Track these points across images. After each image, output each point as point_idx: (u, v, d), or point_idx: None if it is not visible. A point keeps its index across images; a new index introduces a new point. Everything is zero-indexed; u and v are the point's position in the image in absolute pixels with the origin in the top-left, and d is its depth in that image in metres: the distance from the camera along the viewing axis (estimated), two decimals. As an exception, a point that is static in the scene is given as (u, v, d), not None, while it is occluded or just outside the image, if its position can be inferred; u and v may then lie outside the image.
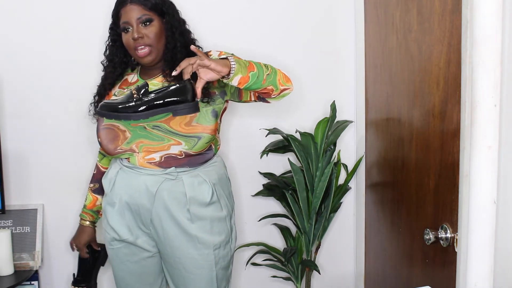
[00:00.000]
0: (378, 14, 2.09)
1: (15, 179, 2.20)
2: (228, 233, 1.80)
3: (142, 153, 1.71)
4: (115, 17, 1.74)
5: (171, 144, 1.69)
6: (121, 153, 1.74)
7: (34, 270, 2.12)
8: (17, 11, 2.12)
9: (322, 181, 2.14)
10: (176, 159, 1.71)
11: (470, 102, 1.39)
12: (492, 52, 1.35)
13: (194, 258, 1.74)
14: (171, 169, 1.71)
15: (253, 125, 2.31)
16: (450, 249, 1.57)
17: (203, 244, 1.74)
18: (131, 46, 1.69)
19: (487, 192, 1.40)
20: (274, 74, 1.65)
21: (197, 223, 1.73)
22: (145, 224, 1.76)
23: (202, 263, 1.75)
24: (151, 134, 1.69)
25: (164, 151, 1.70)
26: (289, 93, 1.71)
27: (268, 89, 1.64)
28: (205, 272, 1.76)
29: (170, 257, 1.77)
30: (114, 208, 1.77)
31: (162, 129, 1.68)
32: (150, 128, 1.69)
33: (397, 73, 1.93)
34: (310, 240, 2.20)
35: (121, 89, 1.78)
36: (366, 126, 2.27)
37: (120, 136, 1.72)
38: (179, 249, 1.74)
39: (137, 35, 1.66)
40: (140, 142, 1.70)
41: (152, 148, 1.70)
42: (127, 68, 1.83)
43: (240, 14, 2.28)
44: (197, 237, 1.73)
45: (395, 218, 2.01)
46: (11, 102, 2.16)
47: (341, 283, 2.50)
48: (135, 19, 1.67)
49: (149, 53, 1.68)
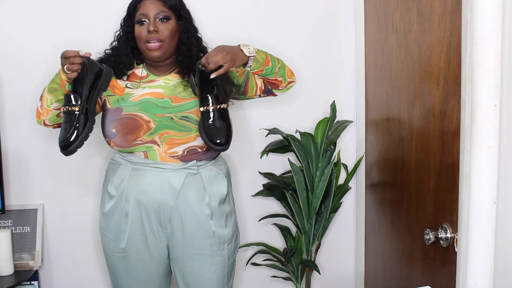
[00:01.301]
0: (378, 14, 2.09)
1: (15, 179, 2.20)
2: (236, 227, 1.85)
3: (164, 146, 1.71)
4: (131, 9, 1.75)
5: (198, 135, 1.71)
6: (139, 145, 1.72)
7: (34, 270, 2.12)
8: (17, 11, 2.12)
9: (322, 181, 2.14)
10: (197, 152, 1.73)
11: (470, 102, 1.39)
12: (492, 52, 1.35)
13: (211, 254, 1.77)
14: (192, 162, 1.73)
15: (253, 125, 2.31)
16: (450, 249, 1.57)
17: (220, 239, 1.77)
18: (143, 38, 1.71)
19: (487, 192, 1.40)
20: (284, 68, 1.80)
21: (215, 218, 1.76)
22: (163, 224, 1.75)
23: (218, 258, 1.78)
24: (178, 124, 1.70)
25: (189, 143, 1.71)
26: (293, 86, 1.86)
27: (278, 80, 1.79)
28: (219, 269, 1.79)
29: (186, 255, 1.77)
30: (127, 212, 1.74)
31: (191, 119, 1.70)
32: (177, 119, 1.70)
33: (397, 73, 1.93)
34: (310, 240, 2.20)
35: (132, 81, 1.77)
36: (366, 126, 2.27)
37: (143, 127, 1.71)
38: (197, 246, 1.75)
39: (153, 28, 1.69)
40: (165, 133, 1.70)
41: (177, 140, 1.71)
42: (132, 62, 1.82)
43: (240, 14, 2.28)
44: (215, 233, 1.76)
45: (395, 218, 2.01)
46: (11, 102, 2.16)
47: (341, 283, 2.50)
48: (153, 14, 1.70)
49: (159, 47, 1.70)
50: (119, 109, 1.72)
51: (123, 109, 1.71)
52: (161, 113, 1.70)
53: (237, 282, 2.40)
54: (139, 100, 1.72)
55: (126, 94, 1.75)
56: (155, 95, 1.73)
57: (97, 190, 2.19)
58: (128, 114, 1.71)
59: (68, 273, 2.28)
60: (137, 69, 1.81)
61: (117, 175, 1.76)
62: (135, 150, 1.73)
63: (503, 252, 1.39)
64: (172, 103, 1.71)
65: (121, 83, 1.78)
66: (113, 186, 1.76)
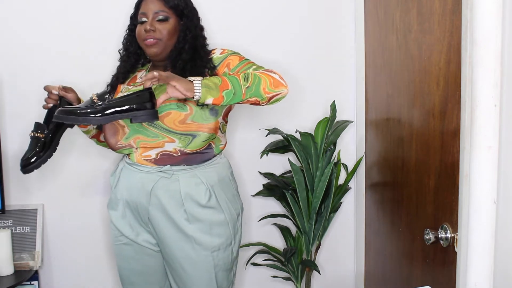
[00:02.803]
0: (378, 14, 2.09)
1: (15, 179, 2.20)
2: (230, 236, 1.77)
3: (140, 149, 1.73)
4: (136, 8, 1.77)
5: (165, 142, 1.70)
6: (121, 148, 1.76)
7: (34, 270, 2.12)
8: (17, 11, 2.12)
9: (322, 181, 2.14)
10: (172, 157, 1.72)
11: (470, 102, 1.39)
12: (492, 52, 1.35)
13: (192, 258, 1.74)
14: (167, 167, 1.72)
15: (253, 125, 2.31)
16: (450, 249, 1.57)
17: (201, 246, 1.73)
18: (142, 37, 1.72)
19: (487, 192, 1.40)
20: (257, 85, 1.59)
21: (195, 224, 1.72)
22: (145, 222, 1.78)
23: (200, 264, 1.74)
24: (147, 130, 1.71)
25: (159, 148, 1.71)
26: (283, 97, 1.66)
27: (251, 100, 1.62)
28: (204, 274, 1.75)
29: (169, 256, 1.77)
30: (118, 205, 1.80)
31: (157, 126, 1.69)
32: (145, 125, 1.70)
33: (397, 73, 1.93)
34: (310, 240, 2.20)
35: (129, 86, 1.79)
36: (366, 126, 2.27)
37: (120, 131, 1.74)
38: (177, 249, 1.75)
39: (150, 27, 1.69)
40: (137, 137, 1.73)
41: (148, 145, 1.72)
42: (140, 60, 1.83)
43: (240, 15, 2.28)
44: (194, 238, 1.72)
45: (395, 218, 2.01)
46: (11, 102, 2.16)
47: (341, 283, 2.50)
48: (152, 12, 1.71)
49: (155, 43, 1.70)
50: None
51: None
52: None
53: (237, 282, 2.40)
54: None
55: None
56: None
57: (97, 190, 2.20)
58: None
59: (68, 273, 2.28)
60: (140, 72, 1.83)
61: (118, 166, 1.84)
62: (121, 152, 1.79)
63: (503, 252, 1.39)
64: None
65: (122, 87, 1.80)
66: (114, 176, 1.84)
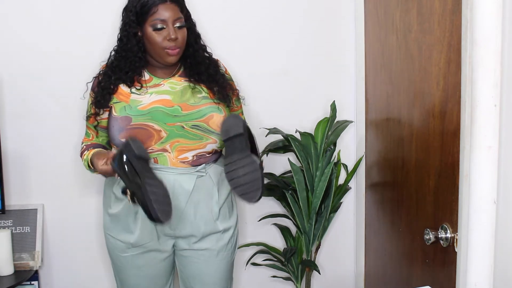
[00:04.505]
0: (378, 14, 2.09)
1: (15, 179, 2.20)
2: (237, 221, 1.88)
3: (175, 152, 1.72)
4: (141, 10, 1.66)
5: (208, 143, 1.74)
6: (149, 154, 1.70)
7: (34, 270, 2.12)
8: (17, 11, 2.12)
9: (322, 181, 2.14)
10: (205, 156, 1.76)
11: (470, 102, 1.39)
12: (492, 52, 1.35)
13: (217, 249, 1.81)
14: (201, 166, 1.75)
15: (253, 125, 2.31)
16: (450, 249, 1.57)
17: (225, 233, 1.81)
18: (163, 45, 1.67)
19: (487, 192, 1.40)
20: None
21: (221, 215, 1.80)
22: (172, 225, 1.75)
23: (223, 253, 1.82)
24: (189, 133, 1.71)
25: (199, 149, 1.73)
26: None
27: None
28: (223, 264, 1.83)
29: (192, 252, 1.80)
30: (136, 214, 1.74)
31: (202, 128, 1.72)
32: (188, 128, 1.71)
33: (397, 73, 1.93)
34: (310, 240, 2.20)
35: (137, 86, 1.73)
36: (366, 126, 2.27)
37: (154, 136, 1.70)
38: (204, 243, 1.79)
39: (174, 36, 1.66)
40: (176, 141, 1.71)
41: (187, 147, 1.72)
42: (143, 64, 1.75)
43: (240, 15, 2.28)
44: (223, 229, 1.80)
45: (395, 218, 2.01)
46: (11, 102, 2.16)
47: (341, 283, 2.50)
48: (172, 19, 1.66)
49: (177, 54, 1.70)
50: (128, 118, 1.69)
51: (132, 118, 1.69)
52: (172, 122, 1.70)
53: (237, 282, 2.40)
54: (149, 109, 1.70)
55: (132, 101, 1.71)
56: (164, 103, 1.71)
57: (97, 190, 2.19)
58: (138, 124, 1.69)
59: (68, 273, 2.28)
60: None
61: None
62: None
63: (503, 252, 1.39)
64: (182, 111, 1.71)
65: (125, 88, 1.74)
66: (120, 187, 1.71)
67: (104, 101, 1.73)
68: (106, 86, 1.73)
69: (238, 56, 2.18)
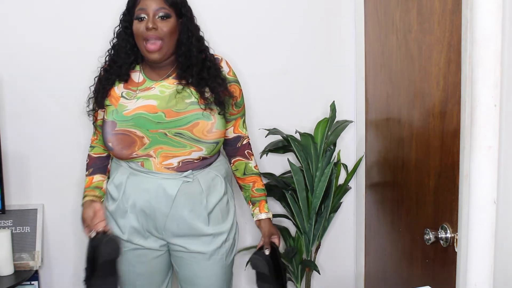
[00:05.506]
0: (378, 14, 2.09)
1: (15, 179, 2.20)
2: (234, 225, 1.85)
3: (159, 158, 1.70)
4: (131, 4, 1.69)
5: (192, 151, 1.69)
6: (135, 158, 1.71)
7: (34, 270, 2.12)
8: (17, 11, 2.12)
9: (322, 181, 2.14)
10: (193, 163, 1.72)
11: (470, 102, 1.39)
12: (492, 52, 1.35)
13: (209, 253, 1.77)
14: (188, 172, 1.72)
15: (253, 125, 2.31)
16: (450, 249, 1.57)
17: (215, 237, 1.77)
18: (142, 35, 1.65)
19: (487, 192, 1.40)
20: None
21: (211, 220, 1.76)
22: (158, 229, 1.75)
23: (215, 257, 1.78)
24: (172, 141, 1.68)
25: (184, 156, 1.70)
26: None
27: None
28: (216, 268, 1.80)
29: (184, 255, 1.78)
30: (126, 213, 1.74)
31: (185, 136, 1.68)
32: (171, 135, 1.67)
33: (397, 73, 1.93)
34: (310, 240, 2.20)
35: (128, 89, 1.73)
36: (366, 126, 2.27)
37: (137, 142, 1.69)
38: (194, 247, 1.76)
39: (152, 25, 1.62)
40: (159, 148, 1.69)
41: (171, 154, 1.69)
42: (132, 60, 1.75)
43: (239, 15, 2.28)
44: (213, 233, 1.77)
45: (395, 218, 2.01)
46: (11, 102, 2.16)
47: (341, 283, 2.50)
48: (153, 10, 1.64)
49: (159, 49, 1.65)
50: (114, 123, 1.69)
51: (117, 123, 1.68)
52: (154, 128, 1.67)
53: (237, 282, 2.39)
54: (132, 115, 1.68)
55: (120, 106, 1.70)
56: (149, 109, 1.68)
57: (97, 190, 2.19)
58: (121, 130, 1.68)
59: (68, 273, 2.28)
60: (135, 73, 1.76)
61: (118, 174, 1.76)
62: (132, 161, 1.73)
63: (503, 252, 1.39)
64: (166, 117, 1.67)
65: (117, 90, 1.73)
66: (113, 185, 1.76)
67: (101, 98, 1.74)
68: (103, 82, 1.76)
69: (238, 56, 2.18)
